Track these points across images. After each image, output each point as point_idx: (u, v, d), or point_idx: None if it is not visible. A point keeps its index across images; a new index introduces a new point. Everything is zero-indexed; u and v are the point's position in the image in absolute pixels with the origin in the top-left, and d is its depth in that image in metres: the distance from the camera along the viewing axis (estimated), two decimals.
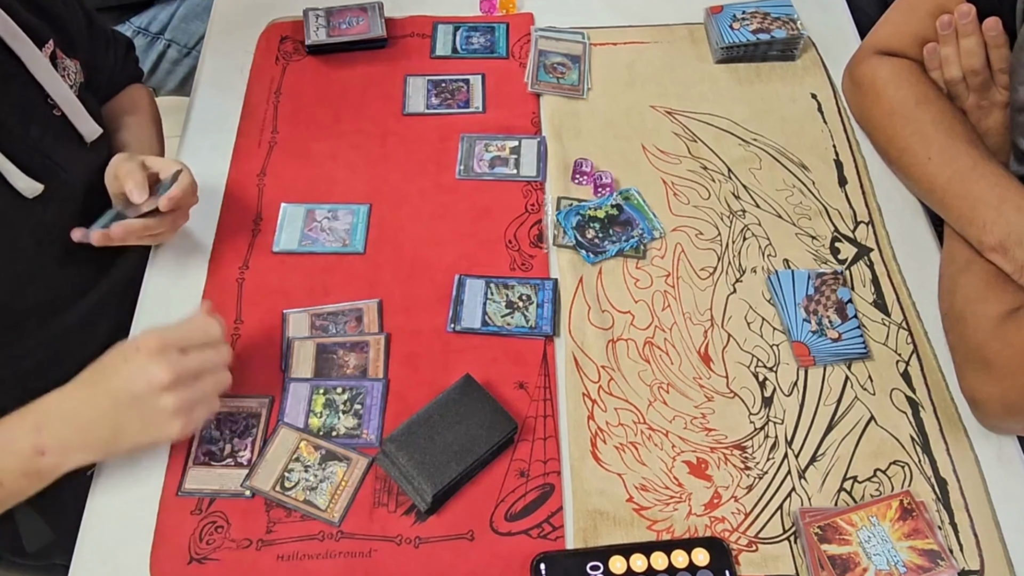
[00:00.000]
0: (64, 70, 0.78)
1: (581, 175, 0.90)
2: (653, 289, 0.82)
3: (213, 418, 0.73)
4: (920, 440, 0.73)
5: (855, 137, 0.94)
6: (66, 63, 0.79)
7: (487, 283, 0.82)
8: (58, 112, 0.77)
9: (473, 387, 0.72)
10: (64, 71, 0.78)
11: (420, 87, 0.98)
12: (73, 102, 0.78)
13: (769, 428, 0.74)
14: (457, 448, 0.69)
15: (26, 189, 0.72)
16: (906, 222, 0.87)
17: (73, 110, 0.78)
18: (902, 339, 0.79)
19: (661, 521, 0.69)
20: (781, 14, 1.00)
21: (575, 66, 1.00)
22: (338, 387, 0.76)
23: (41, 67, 0.74)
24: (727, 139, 0.94)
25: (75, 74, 0.80)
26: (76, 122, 0.79)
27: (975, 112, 0.83)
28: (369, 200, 0.89)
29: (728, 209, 0.88)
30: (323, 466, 0.71)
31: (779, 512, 0.70)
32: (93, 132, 0.81)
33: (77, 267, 0.82)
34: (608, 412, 0.75)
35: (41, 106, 0.76)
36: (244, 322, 0.80)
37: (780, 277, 0.82)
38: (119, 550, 0.68)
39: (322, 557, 0.67)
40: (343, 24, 1.02)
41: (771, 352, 0.78)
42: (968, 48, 0.80)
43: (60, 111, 0.77)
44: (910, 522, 0.67)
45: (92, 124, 0.80)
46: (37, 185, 0.73)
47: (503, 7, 1.06)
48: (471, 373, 0.73)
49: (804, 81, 0.99)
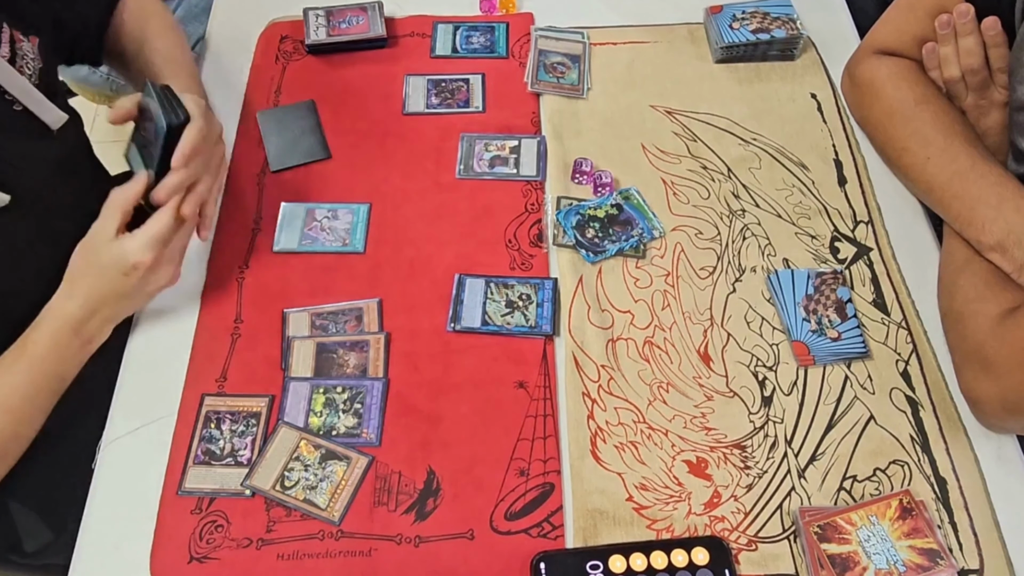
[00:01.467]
0: (23, 59, 0.75)
1: (581, 175, 0.90)
2: (653, 288, 0.83)
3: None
4: (920, 439, 0.73)
5: (855, 137, 0.94)
6: (23, 48, 0.75)
7: (487, 282, 0.82)
8: (19, 107, 0.74)
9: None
10: (23, 60, 0.75)
11: (420, 87, 0.98)
12: (33, 94, 0.75)
13: (769, 427, 0.74)
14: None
15: None
16: (906, 222, 0.87)
17: (34, 101, 0.75)
18: (902, 338, 0.79)
19: (661, 520, 0.69)
20: (781, 14, 1.00)
21: (575, 66, 1.00)
22: (338, 386, 0.76)
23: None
24: (727, 139, 0.94)
25: (33, 60, 0.76)
26: (39, 113, 0.76)
27: (974, 111, 0.83)
28: (369, 200, 0.89)
29: (728, 209, 0.88)
30: (323, 465, 0.71)
31: (779, 511, 0.70)
32: (58, 120, 0.78)
33: (57, 275, 0.77)
34: (608, 411, 0.75)
35: (1, 105, 0.73)
36: (244, 321, 0.80)
37: (780, 276, 0.82)
38: (119, 550, 0.68)
39: (322, 556, 0.67)
40: (343, 24, 1.02)
41: (771, 351, 0.78)
42: (967, 47, 0.80)
43: (21, 105, 0.74)
44: (910, 521, 0.67)
45: (56, 112, 0.77)
46: (4, 196, 0.71)
47: (503, 7, 1.06)
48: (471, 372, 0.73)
49: (804, 81, 0.99)
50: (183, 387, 0.76)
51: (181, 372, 0.77)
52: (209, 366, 0.77)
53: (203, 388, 0.76)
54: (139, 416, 0.75)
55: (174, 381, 0.77)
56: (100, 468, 0.73)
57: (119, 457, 0.73)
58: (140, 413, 0.75)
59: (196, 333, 0.79)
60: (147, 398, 0.76)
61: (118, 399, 0.76)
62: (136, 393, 0.77)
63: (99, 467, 0.73)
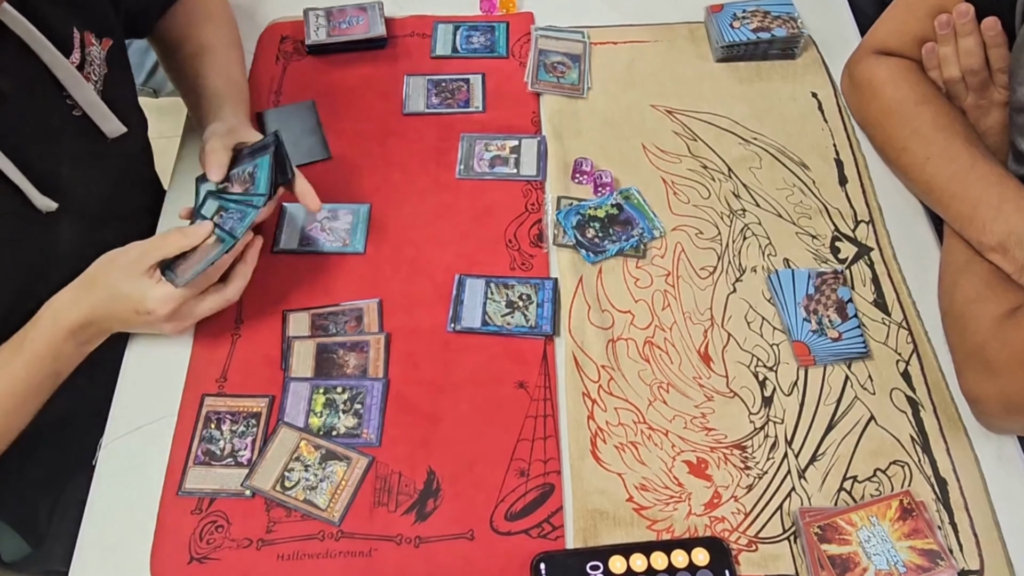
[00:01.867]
0: (90, 65, 0.75)
1: (581, 174, 0.90)
2: (653, 288, 0.82)
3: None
4: (920, 440, 0.73)
5: (855, 136, 0.94)
6: (92, 53, 0.75)
7: (487, 283, 0.82)
8: (78, 112, 0.74)
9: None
10: (90, 67, 0.75)
11: (420, 87, 0.98)
12: (96, 103, 0.75)
13: (769, 428, 0.74)
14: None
15: (42, 206, 0.71)
16: (906, 222, 0.87)
17: (95, 110, 0.75)
18: (902, 339, 0.79)
19: (661, 521, 0.69)
20: (781, 13, 1.00)
21: (575, 65, 1.00)
22: (338, 387, 0.76)
23: (64, 70, 0.71)
24: (727, 138, 0.94)
25: (100, 66, 0.76)
26: (98, 121, 0.76)
27: (974, 112, 0.83)
28: (369, 200, 0.89)
29: (728, 208, 0.88)
30: (323, 466, 0.71)
31: (779, 512, 0.70)
32: (116, 130, 0.78)
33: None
34: (608, 412, 0.75)
35: (61, 108, 0.73)
36: (244, 322, 0.80)
37: (780, 276, 0.82)
38: (119, 550, 0.68)
39: (322, 557, 0.67)
40: (343, 24, 1.02)
41: (771, 352, 0.78)
42: (967, 48, 0.80)
43: (81, 111, 0.74)
44: (910, 522, 0.67)
45: (115, 122, 0.77)
46: (51, 203, 0.71)
47: (503, 6, 1.06)
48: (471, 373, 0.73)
49: (804, 80, 0.99)
50: (183, 387, 0.76)
51: (181, 372, 0.77)
52: (209, 366, 0.77)
53: (203, 388, 0.76)
54: (139, 416, 0.75)
55: (174, 381, 0.77)
56: (100, 468, 0.73)
57: (119, 457, 0.73)
58: (140, 413, 0.75)
59: (196, 333, 0.79)
60: (147, 398, 0.76)
61: (118, 399, 0.76)
62: (136, 393, 0.77)
63: (99, 467, 0.73)
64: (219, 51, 0.90)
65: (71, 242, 0.75)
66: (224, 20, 0.94)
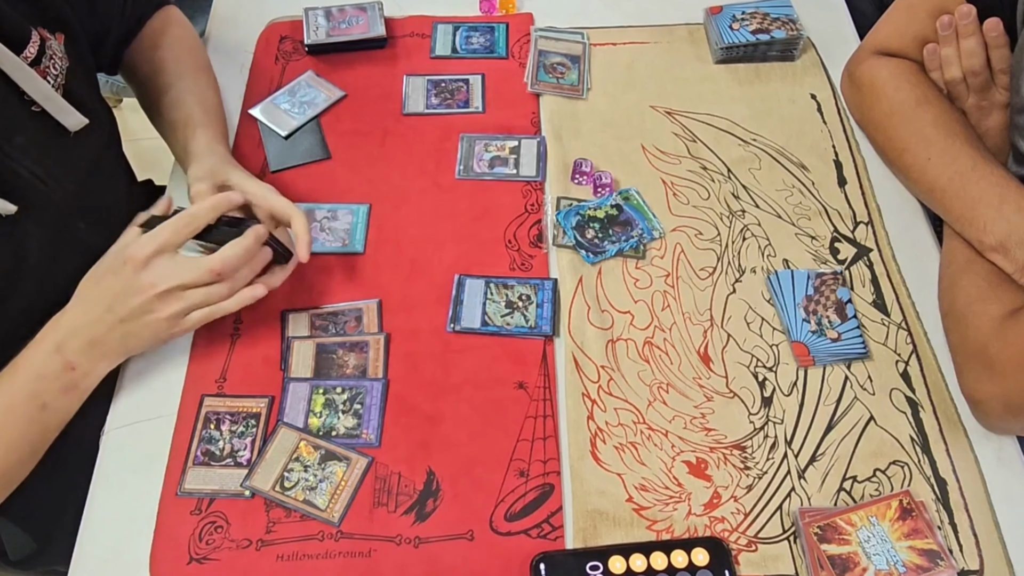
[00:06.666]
0: (49, 59, 0.72)
1: (581, 175, 0.90)
2: (653, 289, 0.82)
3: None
4: (920, 440, 0.73)
5: (855, 137, 0.94)
6: (51, 46, 0.72)
7: (487, 283, 0.82)
8: (37, 108, 0.71)
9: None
10: (49, 60, 0.72)
11: (420, 87, 0.98)
12: (53, 97, 0.72)
13: (769, 428, 0.74)
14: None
15: (1, 208, 0.68)
16: (906, 222, 0.87)
17: (52, 105, 0.72)
18: (901, 339, 0.79)
19: (661, 521, 0.69)
20: (781, 14, 1.00)
21: (575, 66, 1.00)
22: (338, 387, 0.76)
23: (11, 65, 0.68)
24: (727, 139, 0.94)
25: (61, 59, 0.74)
26: (57, 116, 0.73)
27: (975, 113, 0.83)
28: (369, 200, 0.89)
29: (728, 209, 0.88)
30: (323, 466, 0.71)
31: (779, 512, 0.70)
32: (77, 124, 0.75)
33: (55, 282, 0.74)
34: (608, 412, 0.75)
35: (16, 105, 0.70)
36: (244, 322, 0.80)
37: (780, 277, 0.82)
38: (119, 550, 0.68)
39: (322, 557, 0.67)
40: (343, 24, 1.02)
41: (771, 352, 0.78)
42: (968, 49, 0.80)
43: (39, 107, 0.71)
44: (910, 522, 0.67)
45: (75, 116, 0.75)
46: (10, 206, 0.68)
47: (503, 7, 1.06)
48: (471, 373, 0.73)
49: (804, 81, 0.99)
50: (183, 388, 0.76)
51: (180, 373, 0.77)
52: (209, 367, 0.77)
53: (203, 389, 0.76)
54: (139, 416, 0.75)
55: (174, 382, 0.76)
56: (100, 469, 0.73)
57: (119, 457, 0.73)
58: (140, 414, 0.75)
59: (195, 333, 0.79)
60: (147, 399, 0.76)
61: (118, 399, 0.76)
62: (136, 394, 0.76)
63: (99, 468, 0.73)
64: (187, 77, 0.88)
65: (39, 241, 0.73)
66: (186, 48, 0.92)
